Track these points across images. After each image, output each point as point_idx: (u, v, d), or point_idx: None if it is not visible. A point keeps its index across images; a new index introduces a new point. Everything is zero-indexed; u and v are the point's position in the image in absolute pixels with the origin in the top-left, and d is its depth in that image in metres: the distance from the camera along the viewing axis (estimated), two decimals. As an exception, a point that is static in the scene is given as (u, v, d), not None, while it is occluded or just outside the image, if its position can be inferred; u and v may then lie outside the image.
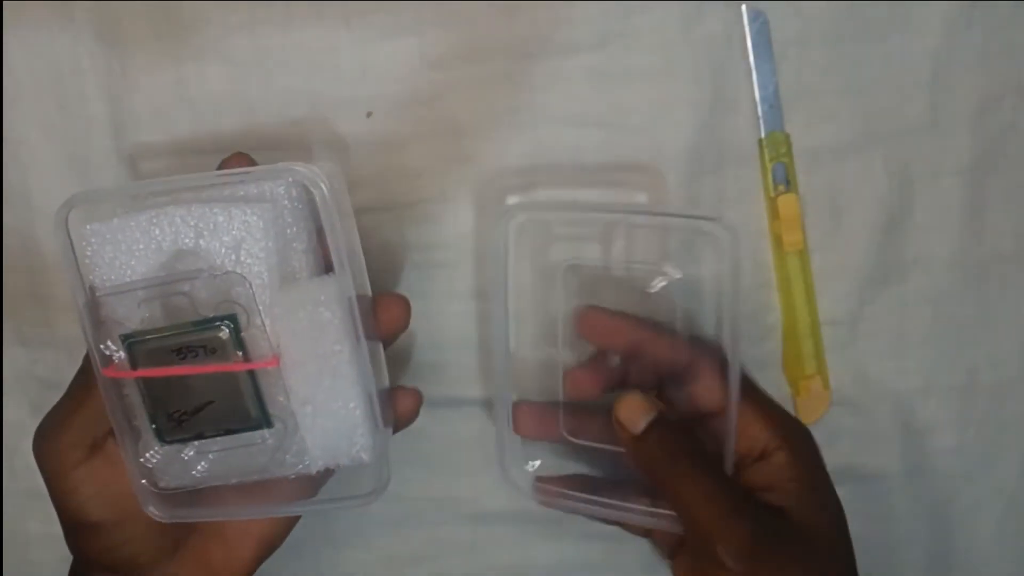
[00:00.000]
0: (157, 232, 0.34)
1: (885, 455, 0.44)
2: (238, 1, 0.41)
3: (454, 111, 0.41)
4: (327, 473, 0.36)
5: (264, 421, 0.34)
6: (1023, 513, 0.45)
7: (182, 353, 0.33)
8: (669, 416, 0.37)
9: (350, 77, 0.41)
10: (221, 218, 0.34)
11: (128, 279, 0.34)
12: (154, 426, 0.34)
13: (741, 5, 0.41)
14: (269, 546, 0.38)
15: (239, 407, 0.34)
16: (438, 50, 0.41)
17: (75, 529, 0.36)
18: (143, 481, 0.35)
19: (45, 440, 0.36)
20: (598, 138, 0.41)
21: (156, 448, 0.35)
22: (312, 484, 0.37)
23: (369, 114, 0.41)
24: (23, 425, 0.44)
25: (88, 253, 0.34)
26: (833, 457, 0.44)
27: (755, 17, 0.41)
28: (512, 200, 0.42)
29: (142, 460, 0.35)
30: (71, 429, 0.35)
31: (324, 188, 0.33)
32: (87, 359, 0.36)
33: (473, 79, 0.41)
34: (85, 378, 0.36)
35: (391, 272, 0.43)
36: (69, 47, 0.41)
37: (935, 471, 0.44)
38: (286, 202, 0.34)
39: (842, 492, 0.44)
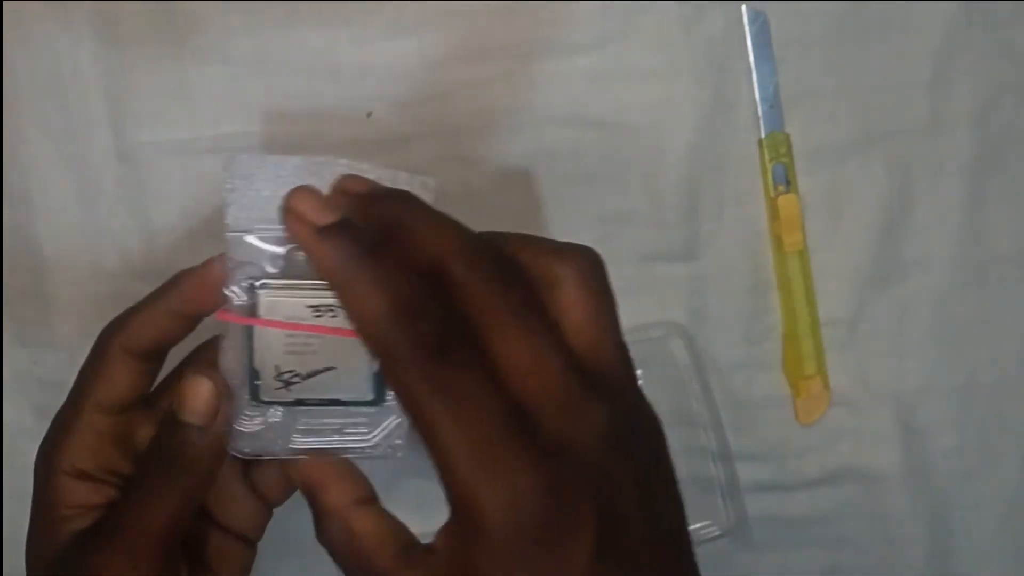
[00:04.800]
0: (314, 181, 0.30)
1: (885, 455, 0.44)
2: (238, 1, 0.41)
3: (454, 111, 0.41)
4: None
5: (376, 398, 0.31)
6: (1023, 513, 0.45)
7: (319, 311, 0.30)
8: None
9: (350, 77, 0.41)
10: (388, 182, 0.31)
11: (268, 220, 0.30)
12: (258, 383, 0.31)
13: (741, 5, 0.41)
14: None
15: (357, 379, 0.31)
16: (438, 50, 0.41)
17: None
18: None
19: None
20: (598, 138, 0.41)
21: (248, 409, 0.31)
22: None
23: (369, 114, 0.41)
24: (23, 425, 0.44)
25: (229, 186, 0.31)
26: (833, 457, 0.44)
27: (755, 17, 0.41)
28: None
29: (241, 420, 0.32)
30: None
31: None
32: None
33: (473, 79, 0.41)
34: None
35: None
36: (69, 47, 0.41)
37: (935, 471, 0.44)
38: None
39: (842, 492, 0.44)
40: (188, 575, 0.34)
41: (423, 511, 0.36)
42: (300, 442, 0.32)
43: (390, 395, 0.31)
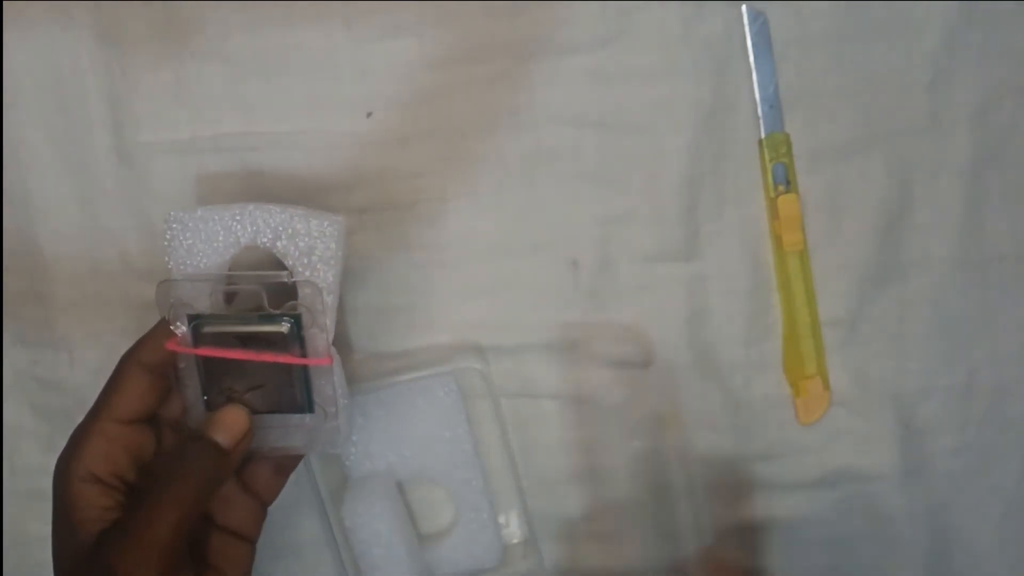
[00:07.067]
0: (238, 228, 0.37)
1: (885, 455, 0.44)
2: (238, 1, 0.41)
3: (454, 111, 0.41)
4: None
5: (308, 407, 0.37)
6: (1023, 513, 0.45)
7: (244, 340, 0.36)
8: None
9: (350, 77, 0.41)
10: (300, 225, 0.37)
11: (201, 266, 0.37)
12: (205, 397, 0.37)
13: (741, 5, 0.41)
14: None
15: (288, 392, 0.37)
16: (438, 50, 0.41)
17: None
18: None
19: None
20: (598, 138, 0.41)
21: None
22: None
23: (369, 114, 0.41)
24: (23, 425, 0.44)
25: (168, 237, 0.37)
26: (833, 457, 0.44)
27: (755, 17, 0.41)
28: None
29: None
30: None
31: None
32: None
33: (473, 79, 0.41)
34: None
35: (390, 272, 0.43)
36: (69, 47, 0.41)
37: (935, 471, 0.44)
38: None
39: (842, 492, 0.44)
40: (195, 574, 0.36)
41: (426, 513, 0.44)
42: (271, 442, 0.38)
43: (319, 406, 0.37)
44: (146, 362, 0.36)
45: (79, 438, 0.36)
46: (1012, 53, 0.41)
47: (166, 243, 0.37)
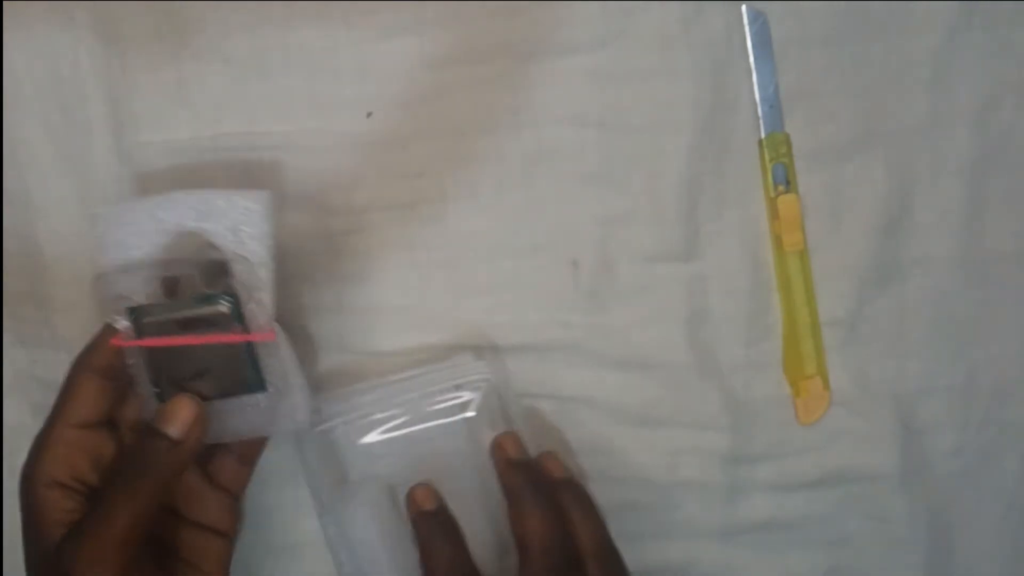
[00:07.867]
0: (162, 215, 0.37)
1: (885, 455, 0.44)
2: (238, 1, 0.41)
3: (454, 111, 0.41)
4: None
5: (259, 385, 0.37)
6: (1023, 513, 0.45)
7: (185, 325, 0.36)
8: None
9: (350, 77, 0.41)
10: (222, 203, 0.37)
11: (134, 258, 0.37)
12: (156, 390, 0.37)
13: (741, 5, 0.41)
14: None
15: (237, 373, 0.37)
16: (438, 50, 0.41)
17: None
18: None
19: None
20: (598, 138, 0.41)
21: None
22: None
23: (369, 114, 0.41)
24: (23, 426, 0.44)
25: (97, 235, 0.37)
26: (833, 457, 0.44)
27: (755, 17, 0.41)
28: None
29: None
30: None
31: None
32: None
33: (473, 79, 0.41)
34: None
35: (389, 272, 0.43)
36: (69, 47, 0.41)
37: (935, 471, 0.44)
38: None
39: (842, 492, 0.44)
40: (165, 570, 0.37)
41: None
42: (231, 428, 0.38)
43: (270, 383, 0.37)
44: (96, 366, 0.37)
45: (39, 445, 0.36)
46: (1012, 53, 0.41)
47: (97, 241, 0.37)
